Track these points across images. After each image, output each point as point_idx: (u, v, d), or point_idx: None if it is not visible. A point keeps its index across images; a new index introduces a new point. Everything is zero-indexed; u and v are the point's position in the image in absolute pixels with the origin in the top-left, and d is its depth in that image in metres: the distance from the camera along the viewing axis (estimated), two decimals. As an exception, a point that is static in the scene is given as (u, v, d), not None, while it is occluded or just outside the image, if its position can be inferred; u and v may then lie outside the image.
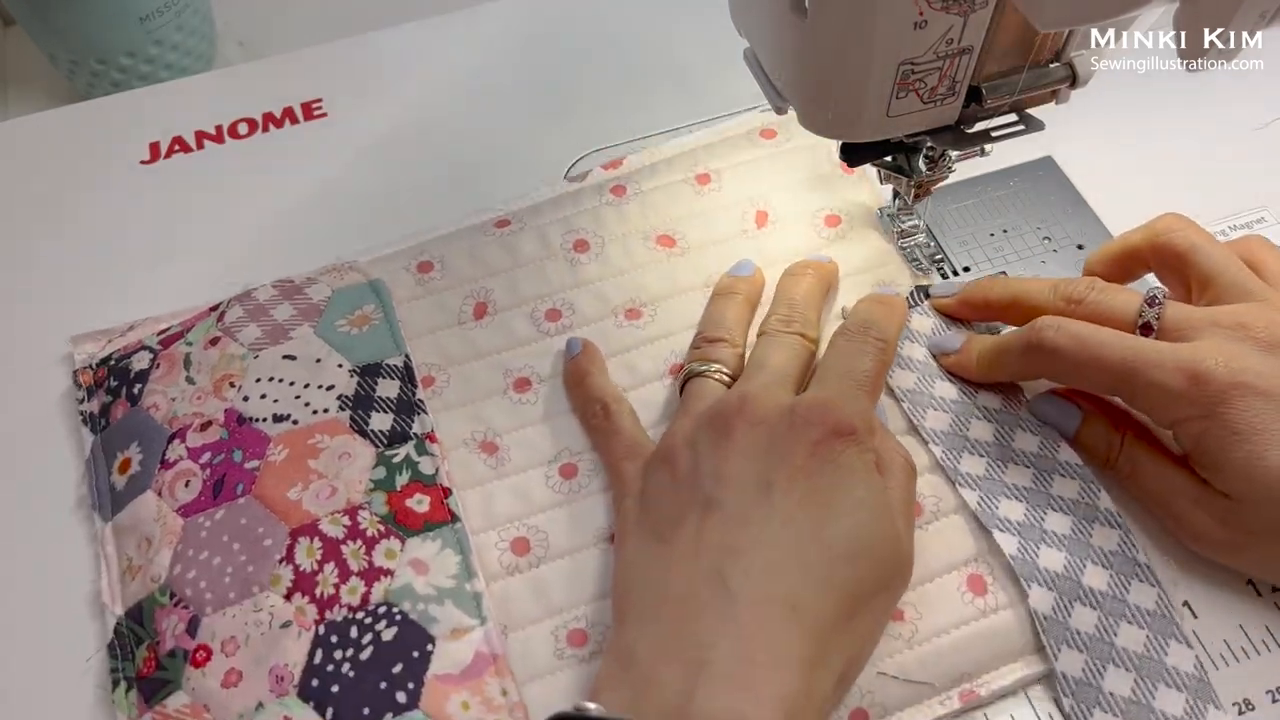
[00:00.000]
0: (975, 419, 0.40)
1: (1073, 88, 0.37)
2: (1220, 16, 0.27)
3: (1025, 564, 0.37)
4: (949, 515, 0.38)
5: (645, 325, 0.44)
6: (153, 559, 0.38)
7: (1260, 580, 0.37)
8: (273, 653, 0.35)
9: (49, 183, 0.51)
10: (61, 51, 0.57)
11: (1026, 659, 0.36)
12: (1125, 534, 0.37)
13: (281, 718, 0.34)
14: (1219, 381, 0.34)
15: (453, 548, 0.38)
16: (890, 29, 0.31)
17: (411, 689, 0.34)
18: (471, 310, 0.44)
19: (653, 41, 0.55)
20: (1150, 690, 0.34)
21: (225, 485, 0.39)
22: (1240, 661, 0.35)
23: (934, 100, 0.34)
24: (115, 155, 0.53)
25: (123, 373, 0.43)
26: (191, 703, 0.35)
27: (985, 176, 0.48)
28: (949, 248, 0.46)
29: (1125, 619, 0.36)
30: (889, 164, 0.40)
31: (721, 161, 0.48)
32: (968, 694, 0.35)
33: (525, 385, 0.43)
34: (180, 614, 0.36)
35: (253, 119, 0.54)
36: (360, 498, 0.38)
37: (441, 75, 0.55)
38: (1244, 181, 0.47)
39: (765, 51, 0.37)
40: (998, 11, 0.32)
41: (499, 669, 0.35)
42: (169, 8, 0.57)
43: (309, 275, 0.45)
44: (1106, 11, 0.28)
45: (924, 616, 0.36)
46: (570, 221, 0.47)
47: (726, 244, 0.46)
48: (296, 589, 0.36)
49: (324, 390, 0.41)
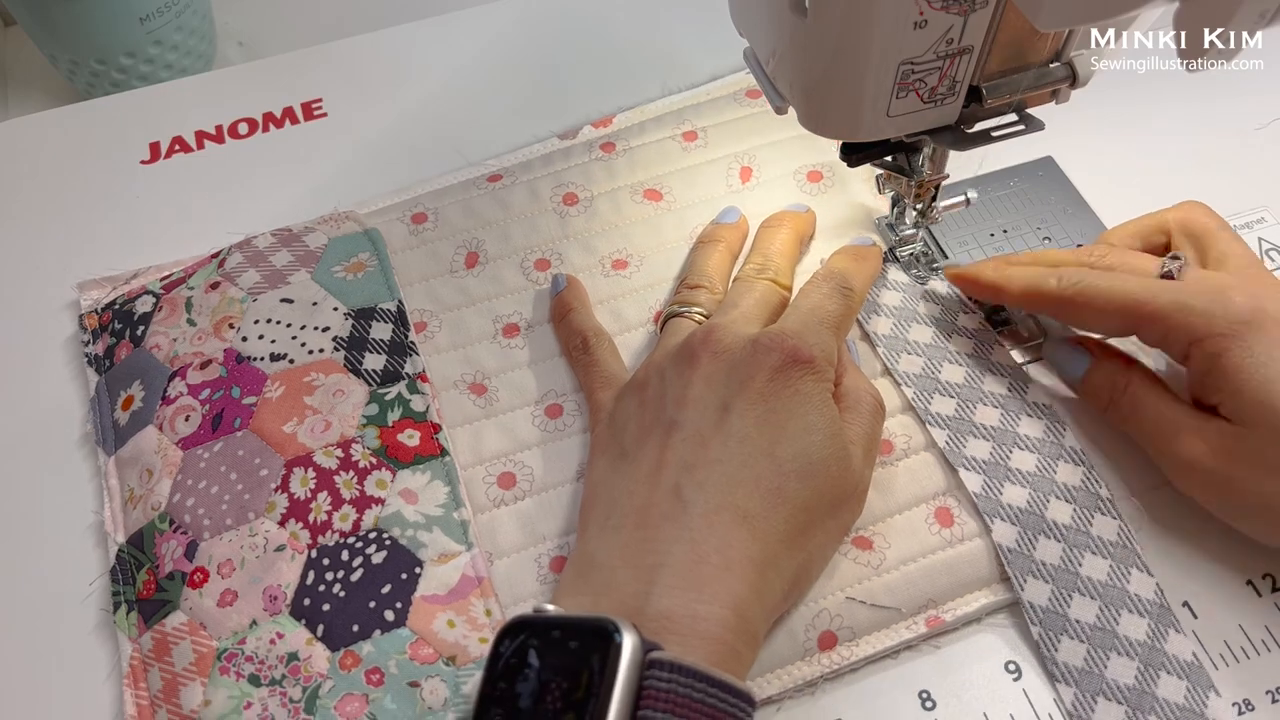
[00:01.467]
0: (947, 362, 0.41)
1: (1073, 88, 0.37)
2: (1220, 16, 0.27)
3: (989, 501, 0.38)
4: (919, 453, 0.40)
5: (631, 275, 0.45)
6: (153, 488, 0.39)
7: (1241, 532, 0.37)
8: (267, 574, 0.36)
9: (49, 183, 0.51)
10: (61, 51, 0.57)
11: (991, 588, 0.37)
12: (1089, 470, 0.38)
13: (274, 634, 0.35)
14: (1246, 304, 0.35)
15: (441, 479, 0.39)
16: (890, 29, 0.31)
17: (399, 608, 0.36)
18: (463, 259, 0.46)
19: (655, 44, 0.55)
20: (1114, 617, 0.36)
21: (224, 419, 0.40)
22: (1240, 661, 0.35)
23: (934, 100, 0.34)
24: (115, 155, 0.52)
25: (126, 316, 0.44)
26: (189, 621, 0.36)
27: (985, 176, 0.48)
28: (949, 248, 0.46)
29: (1089, 550, 0.37)
30: (889, 164, 0.41)
31: (708, 120, 0.50)
32: (933, 619, 0.36)
33: (514, 331, 0.44)
34: (179, 539, 0.38)
35: (253, 119, 0.54)
36: (353, 432, 0.40)
37: (441, 75, 0.55)
38: (1244, 181, 0.47)
39: (765, 51, 0.37)
40: (998, 11, 0.32)
41: (484, 591, 0.37)
42: (169, 8, 0.56)
43: (307, 224, 0.47)
44: (1106, 11, 0.28)
45: (892, 546, 0.37)
46: (560, 176, 0.48)
47: (711, 199, 0.47)
48: (290, 515, 0.38)
49: (319, 331, 0.42)
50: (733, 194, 0.47)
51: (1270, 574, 0.37)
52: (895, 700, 0.35)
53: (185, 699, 0.35)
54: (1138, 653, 0.35)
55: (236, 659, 0.35)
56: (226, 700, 0.34)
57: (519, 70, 0.55)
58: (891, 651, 0.36)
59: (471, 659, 0.35)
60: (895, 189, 0.42)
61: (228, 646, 0.35)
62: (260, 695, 0.34)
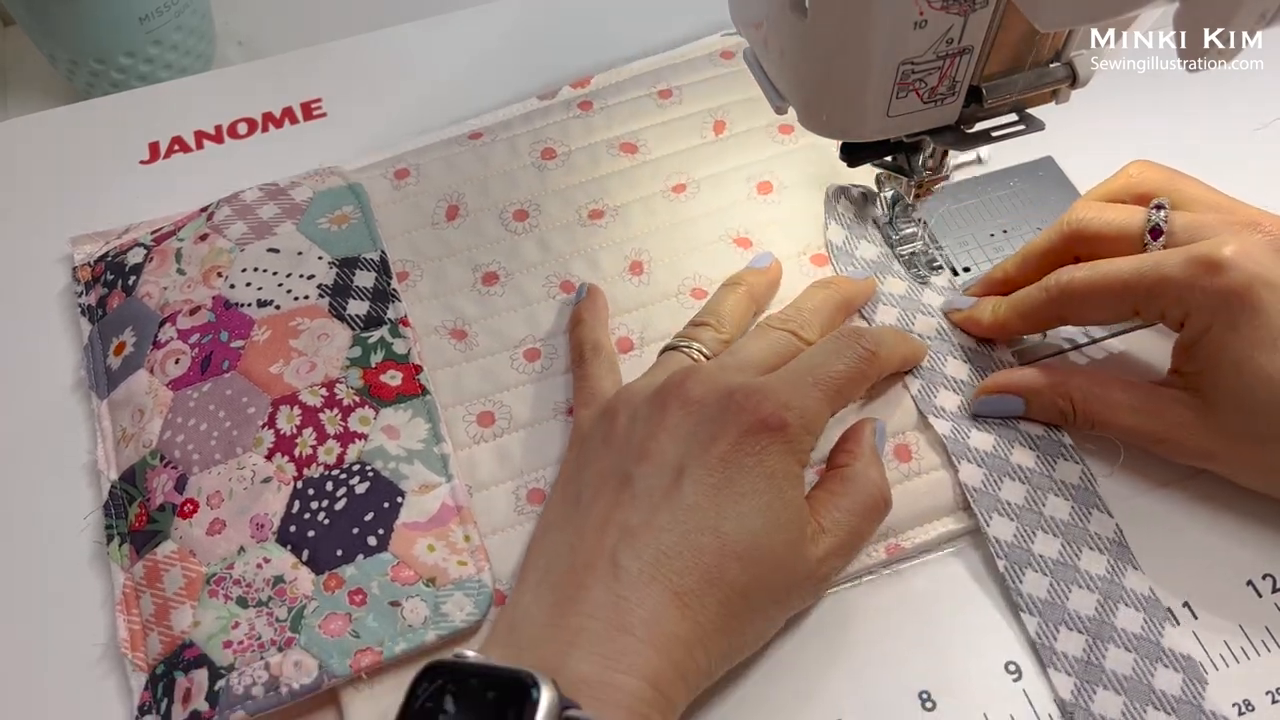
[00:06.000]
0: (919, 314, 0.43)
1: (1073, 88, 0.37)
2: (1220, 16, 0.27)
3: (957, 444, 0.39)
4: (882, 394, 0.41)
5: (607, 225, 0.47)
6: (145, 427, 0.41)
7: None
8: (254, 504, 0.38)
9: (49, 183, 0.51)
10: (61, 51, 0.57)
11: (944, 519, 0.38)
12: (1051, 427, 0.40)
13: (261, 559, 0.37)
14: (1237, 269, 0.34)
15: (422, 417, 0.41)
16: (890, 29, 0.31)
17: (381, 534, 0.37)
18: (444, 212, 0.47)
19: (654, 43, 0.55)
20: (1075, 553, 0.37)
21: (212, 362, 0.42)
22: (1240, 661, 0.35)
23: (934, 100, 0.34)
24: (115, 155, 0.52)
25: (118, 267, 0.46)
26: (179, 549, 0.38)
27: (985, 176, 0.47)
28: (949, 248, 0.45)
29: (1052, 492, 0.38)
30: (889, 164, 0.40)
31: (683, 79, 0.51)
32: (893, 547, 0.38)
33: (493, 279, 0.45)
34: (169, 473, 0.39)
35: (253, 119, 0.54)
36: (337, 373, 0.41)
37: (441, 75, 0.55)
38: (1244, 181, 0.45)
39: (765, 51, 0.37)
40: (998, 11, 0.32)
41: (463, 518, 0.38)
42: (168, 8, 0.56)
43: (293, 179, 0.48)
44: (1106, 11, 0.28)
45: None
46: (539, 133, 0.50)
47: (686, 151, 0.49)
48: (277, 450, 0.39)
49: (305, 279, 0.44)
50: (706, 145, 0.49)
51: (1270, 574, 0.37)
52: (895, 700, 0.35)
53: (176, 621, 0.36)
54: (1098, 586, 0.37)
55: (225, 583, 0.37)
56: (215, 621, 0.36)
57: (520, 69, 0.55)
58: (853, 578, 0.38)
59: (450, 580, 0.37)
60: (895, 189, 0.42)
61: (216, 571, 0.37)
62: (247, 616, 0.36)
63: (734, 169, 0.48)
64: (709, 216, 0.47)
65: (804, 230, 0.46)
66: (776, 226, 0.46)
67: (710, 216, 0.47)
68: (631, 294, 0.45)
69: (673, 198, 0.47)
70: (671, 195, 0.47)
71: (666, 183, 0.48)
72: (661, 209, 0.47)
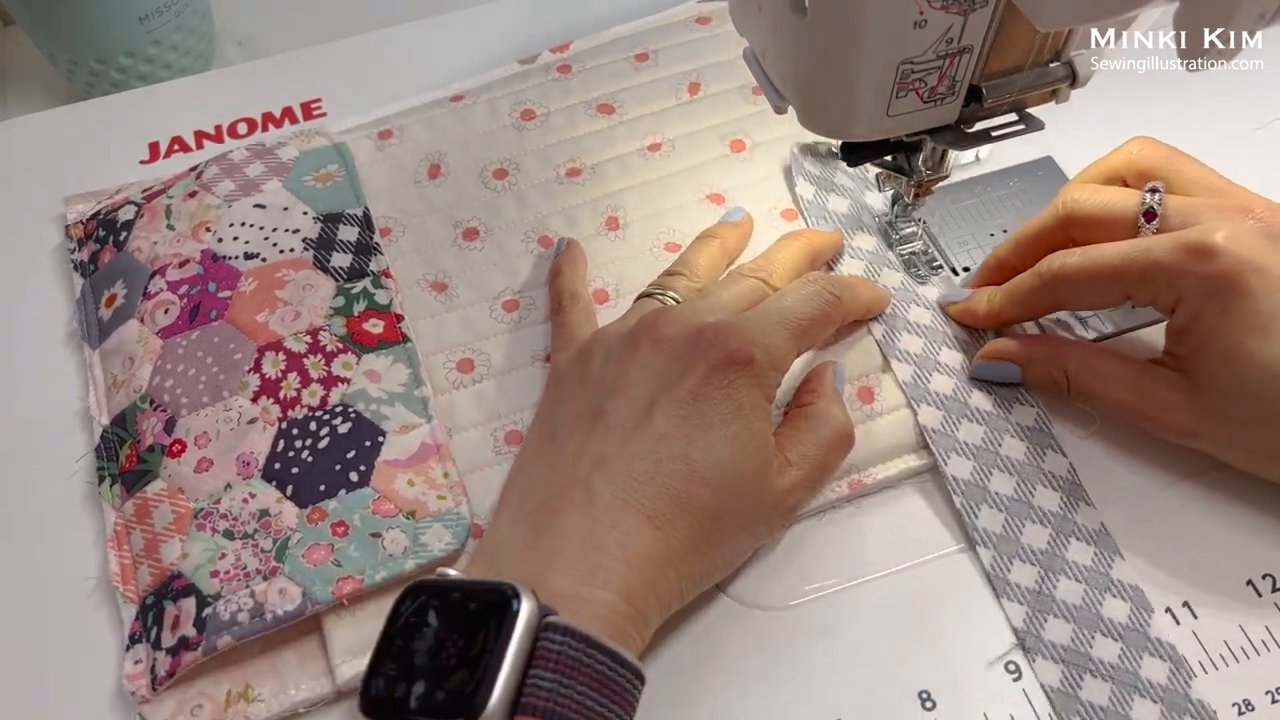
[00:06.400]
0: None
1: (1073, 87, 0.37)
2: (1220, 16, 0.27)
3: (917, 389, 0.41)
4: (857, 343, 0.43)
5: (584, 182, 0.48)
6: (135, 374, 0.42)
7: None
8: (240, 443, 0.39)
9: (49, 183, 0.51)
10: (61, 51, 0.57)
11: (905, 456, 0.40)
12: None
13: (247, 494, 0.38)
14: (1228, 256, 0.34)
15: (403, 362, 0.42)
16: (890, 28, 0.31)
17: (363, 470, 0.39)
18: (426, 171, 0.49)
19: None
20: (1030, 490, 0.39)
21: (200, 311, 0.43)
22: (1240, 661, 0.36)
23: (934, 100, 0.34)
24: (115, 155, 0.52)
25: (110, 224, 0.47)
26: (167, 487, 0.39)
27: (985, 176, 0.48)
28: (949, 248, 0.46)
29: (1009, 433, 0.40)
30: (889, 164, 0.41)
31: (659, 43, 0.53)
32: (855, 483, 0.40)
33: (474, 234, 0.47)
34: (159, 416, 0.41)
35: (252, 119, 0.54)
36: (321, 321, 0.43)
37: (441, 75, 0.54)
38: (1244, 181, 0.45)
39: (765, 51, 0.37)
40: (998, 11, 0.32)
41: (442, 456, 0.40)
42: (168, 8, 0.56)
43: (279, 140, 0.49)
44: (1106, 11, 0.28)
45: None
46: (519, 95, 0.51)
47: (661, 111, 0.50)
48: (262, 393, 0.41)
49: (290, 233, 0.45)
50: (681, 106, 0.50)
51: (1270, 574, 0.37)
52: (895, 700, 0.35)
53: (165, 554, 0.38)
54: (1051, 521, 0.38)
55: (212, 517, 0.38)
56: (203, 552, 0.37)
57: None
58: (817, 511, 0.39)
59: (430, 513, 0.38)
60: (895, 189, 0.43)
61: (204, 506, 0.38)
62: (234, 547, 0.37)
63: (708, 128, 0.49)
64: (683, 174, 0.48)
65: (775, 186, 0.48)
66: (749, 183, 0.48)
67: (684, 174, 0.48)
68: (608, 248, 0.46)
69: (648, 156, 0.49)
70: (647, 154, 0.49)
71: (642, 142, 0.49)
72: (637, 167, 0.48)
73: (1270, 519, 0.38)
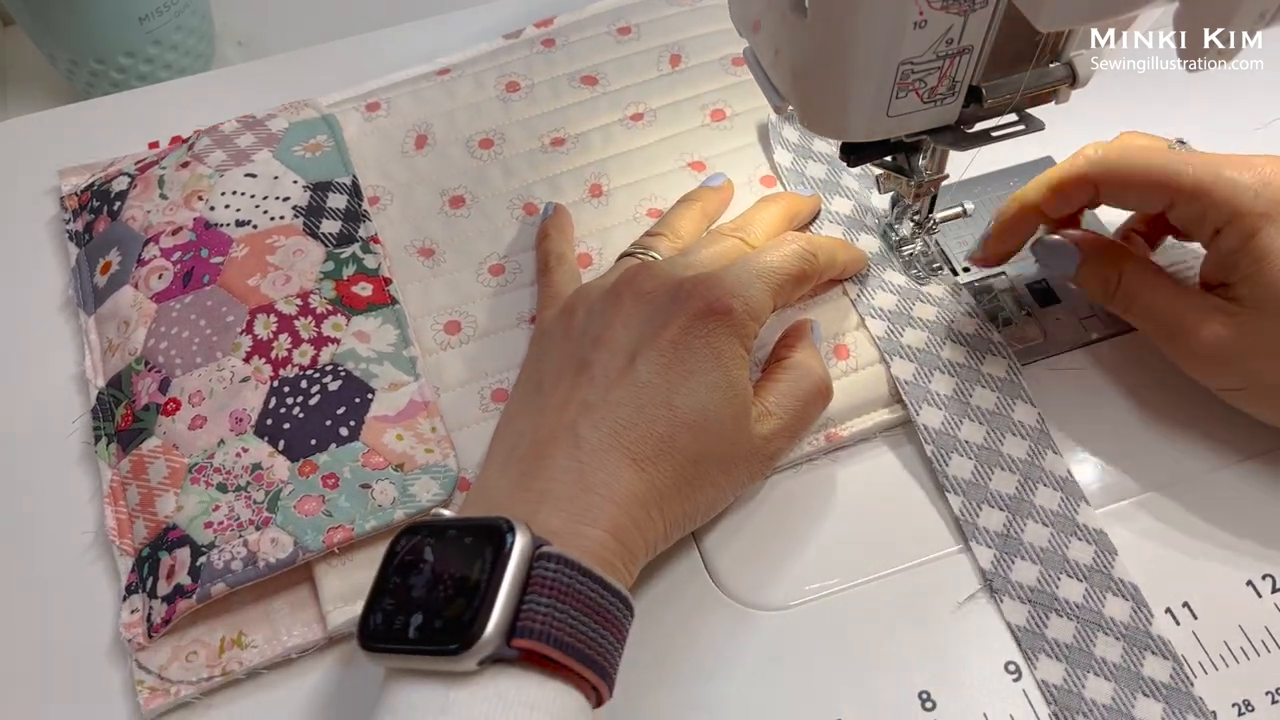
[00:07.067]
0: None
1: (1073, 88, 0.37)
2: (1220, 16, 0.26)
3: (890, 342, 0.42)
4: (832, 300, 0.44)
5: (568, 152, 0.49)
6: (130, 337, 0.43)
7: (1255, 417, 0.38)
8: (233, 401, 0.41)
9: (49, 183, 0.51)
10: (61, 51, 0.57)
11: (879, 410, 0.41)
12: (983, 322, 0.43)
13: (240, 449, 0.39)
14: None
15: (392, 323, 0.43)
16: (890, 29, 0.31)
17: (353, 425, 0.40)
18: (413, 142, 0.50)
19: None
20: (999, 438, 0.40)
21: (193, 276, 0.44)
22: (1240, 662, 0.36)
23: (934, 100, 0.34)
24: (115, 155, 0.52)
25: (104, 194, 0.48)
26: (162, 444, 0.40)
27: (985, 176, 0.48)
28: (949, 248, 0.46)
29: (979, 384, 0.41)
30: (889, 164, 0.41)
31: (641, 16, 0.54)
32: (832, 435, 0.41)
33: (460, 202, 0.48)
34: (153, 377, 0.42)
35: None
36: (311, 284, 0.44)
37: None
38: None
39: (765, 51, 0.37)
40: (998, 11, 0.32)
41: (430, 412, 0.41)
42: (168, 8, 0.56)
43: (269, 111, 0.51)
44: (1106, 11, 0.28)
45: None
46: (504, 68, 0.52)
47: (643, 82, 0.51)
48: (254, 353, 0.42)
49: (281, 201, 0.46)
50: (663, 77, 0.51)
51: (1270, 574, 0.38)
52: (895, 700, 0.36)
53: (160, 507, 0.39)
54: (1019, 468, 0.39)
55: (206, 471, 0.39)
56: (197, 504, 0.38)
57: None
58: (795, 463, 0.41)
59: (418, 466, 0.39)
60: (895, 189, 0.43)
61: (198, 461, 0.39)
62: (227, 499, 0.38)
63: (689, 99, 0.50)
64: (665, 142, 0.49)
65: (754, 154, 0.49)
66: (729, 151, 0.49)
67: (666, 142, 0.49)
68: (591, 215, 0.47)
69: (631, 126, 0.50)
70: (630, 123, 0.50)
71: (625, 112, 0.50)
72: (620, 136, 0.50)
73: (1270, 520, 0.39)
